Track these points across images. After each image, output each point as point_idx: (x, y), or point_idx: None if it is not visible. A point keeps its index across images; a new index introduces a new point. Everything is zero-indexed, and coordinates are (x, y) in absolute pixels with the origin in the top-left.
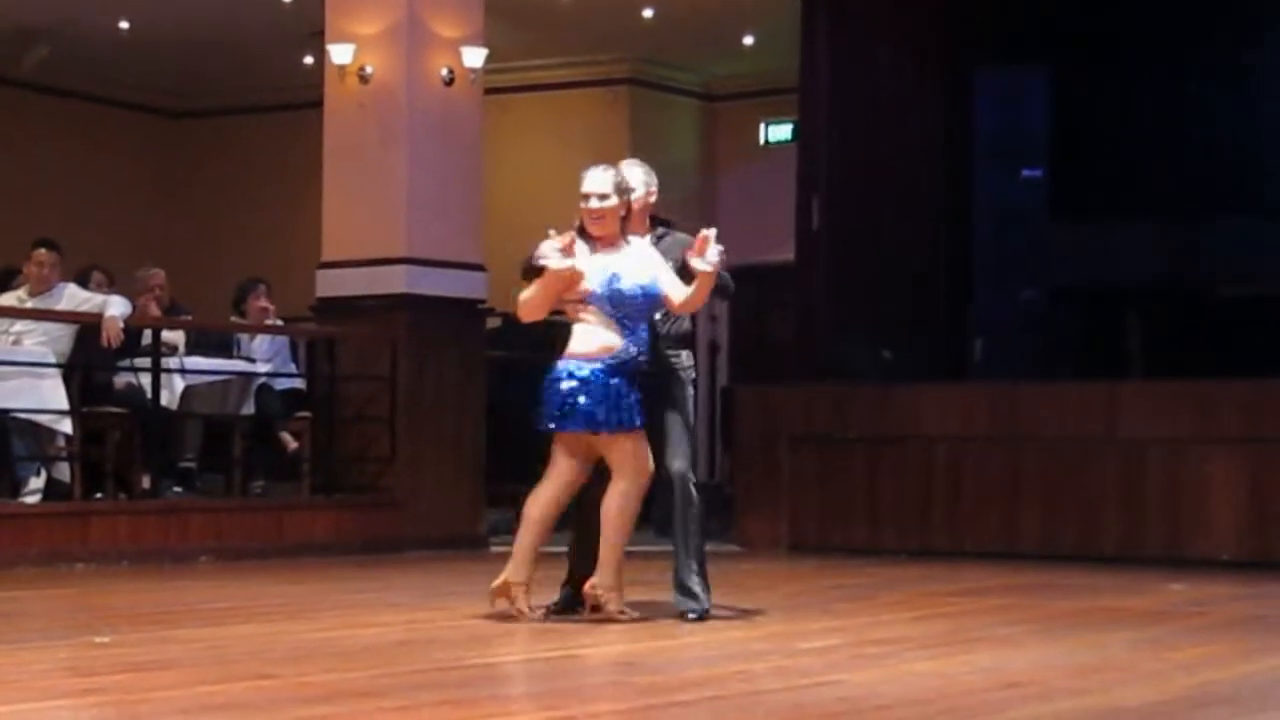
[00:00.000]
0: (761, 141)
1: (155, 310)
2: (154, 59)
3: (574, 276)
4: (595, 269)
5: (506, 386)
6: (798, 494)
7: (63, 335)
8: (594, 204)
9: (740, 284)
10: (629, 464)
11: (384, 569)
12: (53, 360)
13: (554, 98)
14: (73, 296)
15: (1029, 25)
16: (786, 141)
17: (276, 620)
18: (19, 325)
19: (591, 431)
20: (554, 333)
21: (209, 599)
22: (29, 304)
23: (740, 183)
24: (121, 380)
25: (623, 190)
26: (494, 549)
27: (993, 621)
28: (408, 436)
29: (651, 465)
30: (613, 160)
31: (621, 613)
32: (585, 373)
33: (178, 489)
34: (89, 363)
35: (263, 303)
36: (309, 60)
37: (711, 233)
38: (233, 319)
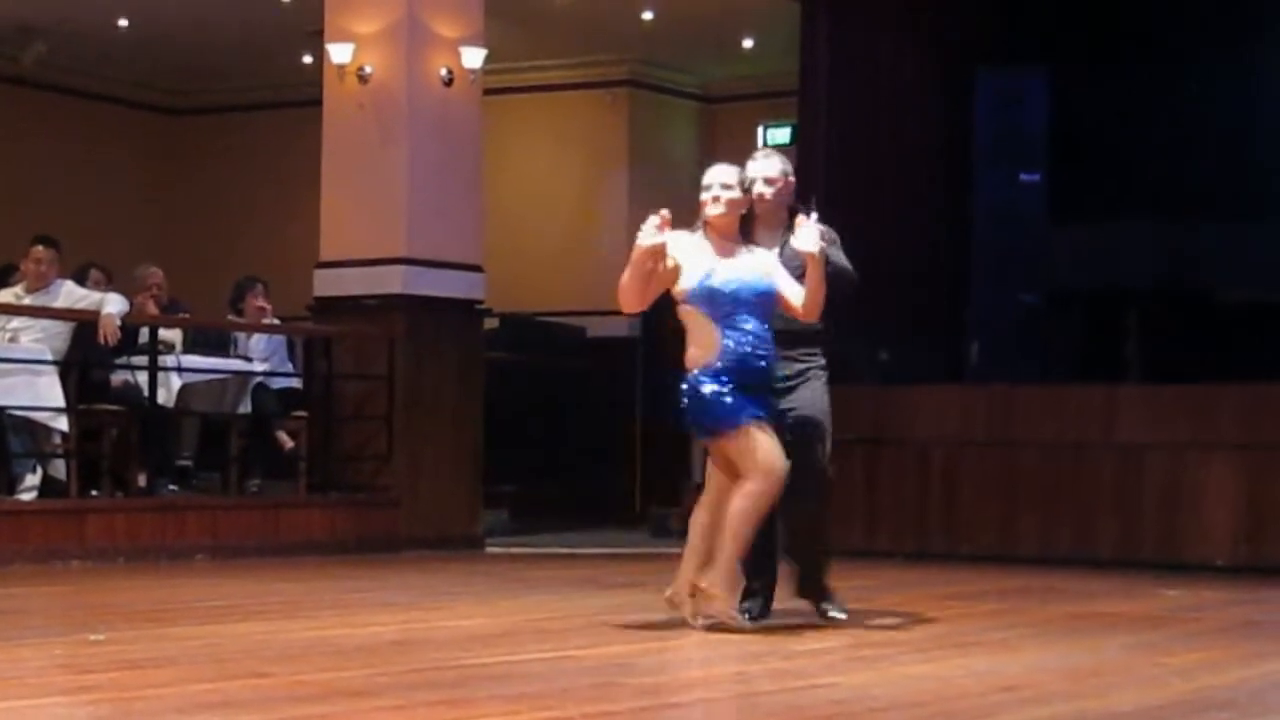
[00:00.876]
0: (760, 144)
1: (153, 308)
2: (153, 57)
3: (657, 252)
4: (694, 265)
5: (504, 387)
6: None
7: (60, 332)
8: (718, 192)
9: None
10: (744, 464)
11: (380, 568)
12: (49, 357)
13: (553, 99)
14: (70, 294)
15: (1028, 27)
16: (785, 144)
17: (272, 619)
18: (16, 322)
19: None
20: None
21: (205, 597)
22: (26, 301)
23: None
24: (118, 378)
25: (745, 187)
26: (490, 549)
27: (988, 625)
28: (405, 436)
29: (774, 463)
30: (611, 161)
31: (731, 618)
32: (685, 384)
33: (174, 487)
34: (86, 360)
35: (260, 302)
36: (308, 59)
37: (813, 217)
38: (230, 317)
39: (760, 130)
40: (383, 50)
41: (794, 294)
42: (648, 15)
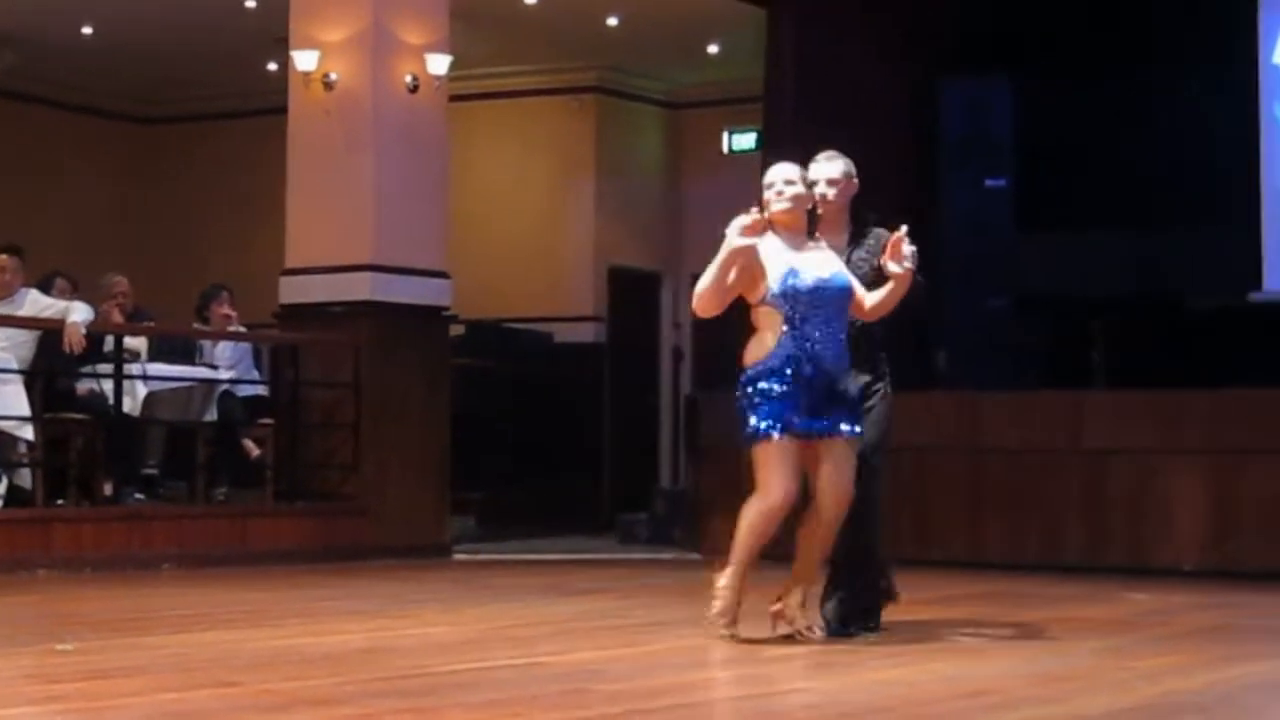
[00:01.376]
0: (725, 149)
1: (118, 316)
2: (118, 65)
3: (748, 254)
4: (775, 265)
5: (471, 394)
6: None
7: (25, 341)
8: (781, 188)
9: None
10: (757, 478)
11: (347, 576)
12: (15, 366)
13: (519, 105)
14: (35, 302)
15: (993, 35)
16: (750, 150)
17: (239, 627)
18: None
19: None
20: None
21: (172, 606)
22: None
23: (704, 190)
24: (84, 386)
25: (809, 184)
26: (457, 557)
27: (957, 630)
28: (371, 444)
29: (772, 488)
30: (578, 167)
31: (809, 629)
32: (739, 382)
33: (140, 496)
34: (51, 369)
35: (225, 309)
36: (273, 67)
37: (903, 232)
38: (196, 325)
39: (726, 136)
40: (348, 57)
41: (862, 295)
42: (613, 21)
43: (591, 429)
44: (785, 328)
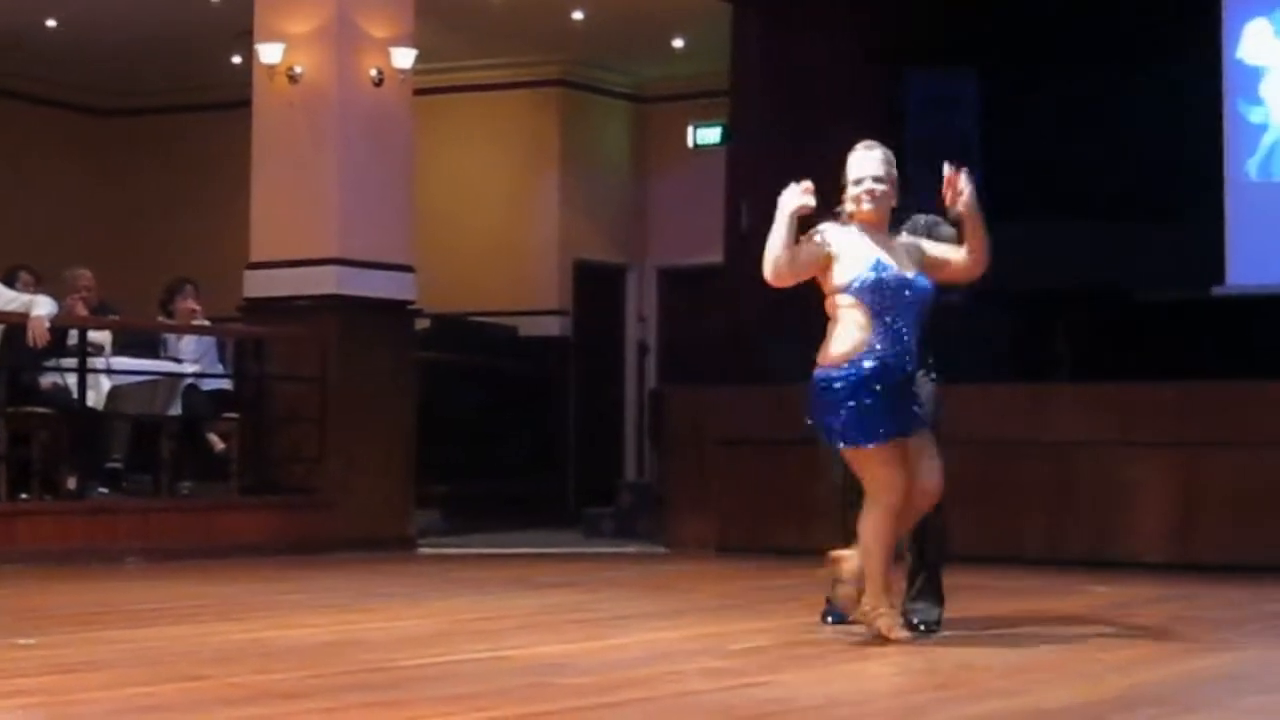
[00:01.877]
0: (690, 144)
1: (82, 310)
2: (83, 58)
3: (804, 212)
4: (857, 254)
5: (436, 388)
6: (727, 495)
7: None
8: (869, 185)
9: (669, 285)
10: (864, 483)
11: (313, 570)
12: None
13: (484, 99)
14: None
15: (959, 28)
16: (715, 144)
17: (205, 621)
18: None
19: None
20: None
21: (137, 600)
22: None
23: (669, 184)
24: (48, 380)
25: (894, 175)
26: (423, 550)
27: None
28: (337, 437)
29: (884, 491)
30: (544, 161)
31: (889, 630)
32: (816, 378)
33: (105, 490)
34: (15, 363)
35: (190, 303)
36: (238, 60)
37: (955, 170)
38: (160, 319)
39: (691, 130)
40: (313, 50)
41: (955, 254)
42: (579, 15)
43: (557, 422)
44: (874, 325)
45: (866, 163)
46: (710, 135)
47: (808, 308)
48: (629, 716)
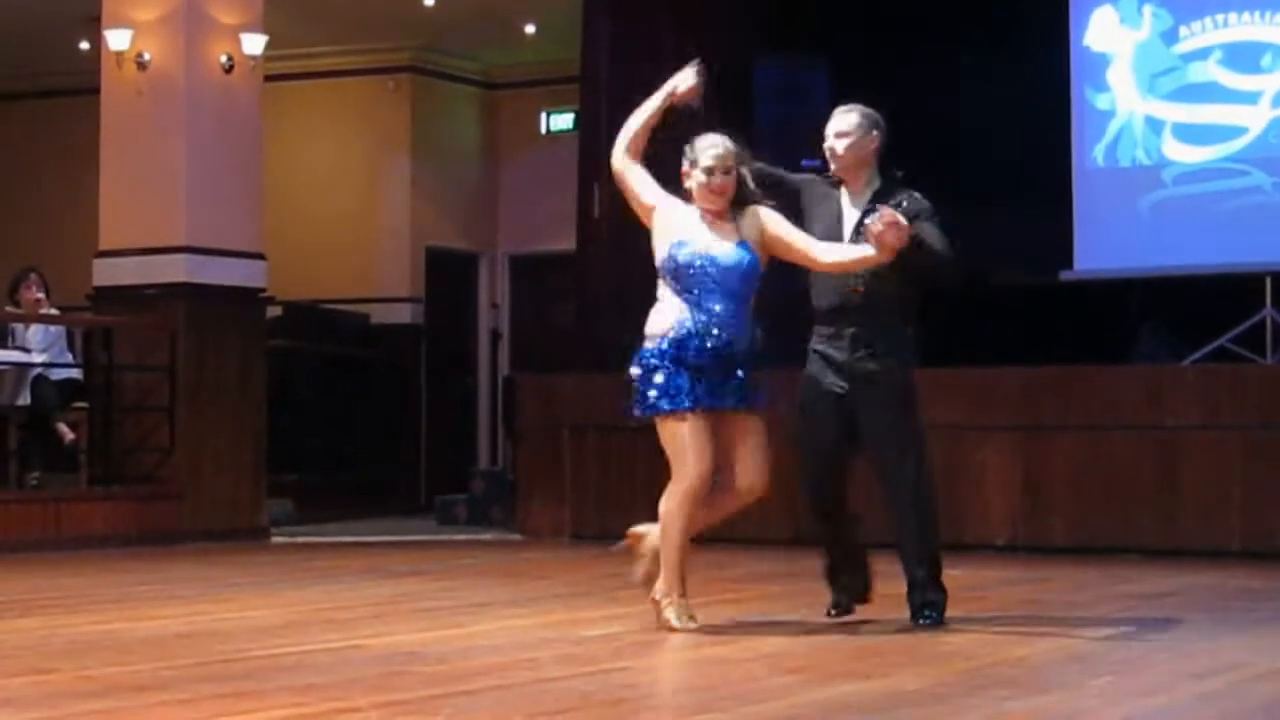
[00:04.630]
0: (543, 130)
1: None
2: None
3: (687, 96)
4: (668, 230)
5: (287, 376)
6: (580, 483)
7: None
8: (720, 180)
9: (521, 272)
10: (670, 458)
11: (164, 561)
12: None
13: (334, 85)
14: None
15: (808, 15)
16: (568, 130)
17: (55, 614)
18: None
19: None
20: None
21: None
22: None
23: (521, 171)
24: None
25: (740, 159)
26: (275, 540)
27: (773, 608)
28: (187, 427)
29: (689, 464)
30: (394, 148)
31: (668, 622)
32: (634, 357)
33: None
34: None
35: (34, 293)
36: (85, 45)
37: (892, 218)
38: (8, 309)
39: (544, 117)
40: (161, 37)
41: (804, 245)
42: (429, 1)
43: (409, 410)
44: (683, 304)
45: (711, 143)
46: (563, 121)
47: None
48: (484, 704)
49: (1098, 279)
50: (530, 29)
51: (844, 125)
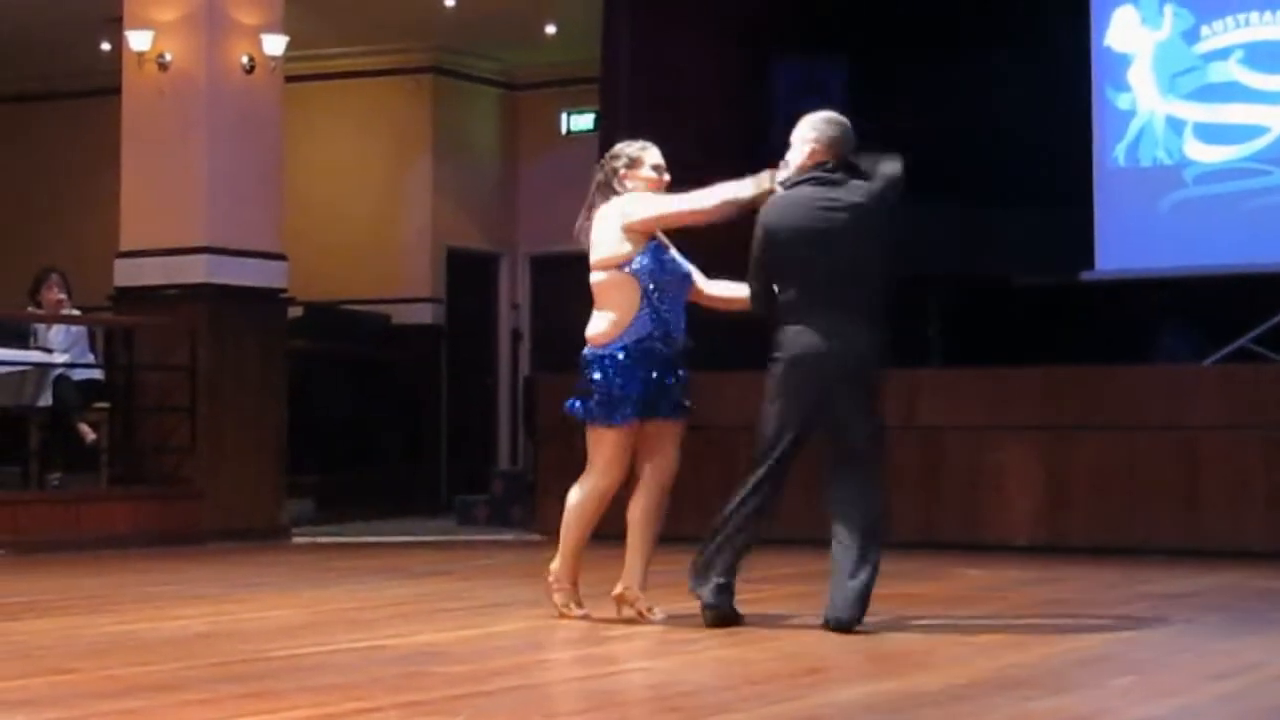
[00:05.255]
0: (563, 131)
1: None
2: None
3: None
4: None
5: (308, 376)
6: None
7: None
8: (651, 169)
9: (542, 272)
10: (591, 457)
11: (185, 560)
12: None
13: (356, 86)
14: None
15: (828, 14)
16: (588, 131)
17: (77, 614)
18: None
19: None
20: None
21: (6, 593)
22: None
23: (541, 172)
24: None
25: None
26: (296, 540)
27: (794, 609)
28: (208, 427)
29: (608, 469)
30: (415, 148)
31: (565, 612)
32: (585, 356)
33: None
34: None
35: (56, 293)
36: (106, 46)
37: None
38: (30, 309)
39: (564, 117)
40: (182, 37)
41: (703, 284)
42: (450, 2)
43: (430, 411)
44: (644, 302)
45: (655, 149)
46: (583, 122)
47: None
48: (504, 705)
49: (1119, 279)
50: (551, 29)
51: (793, 136)
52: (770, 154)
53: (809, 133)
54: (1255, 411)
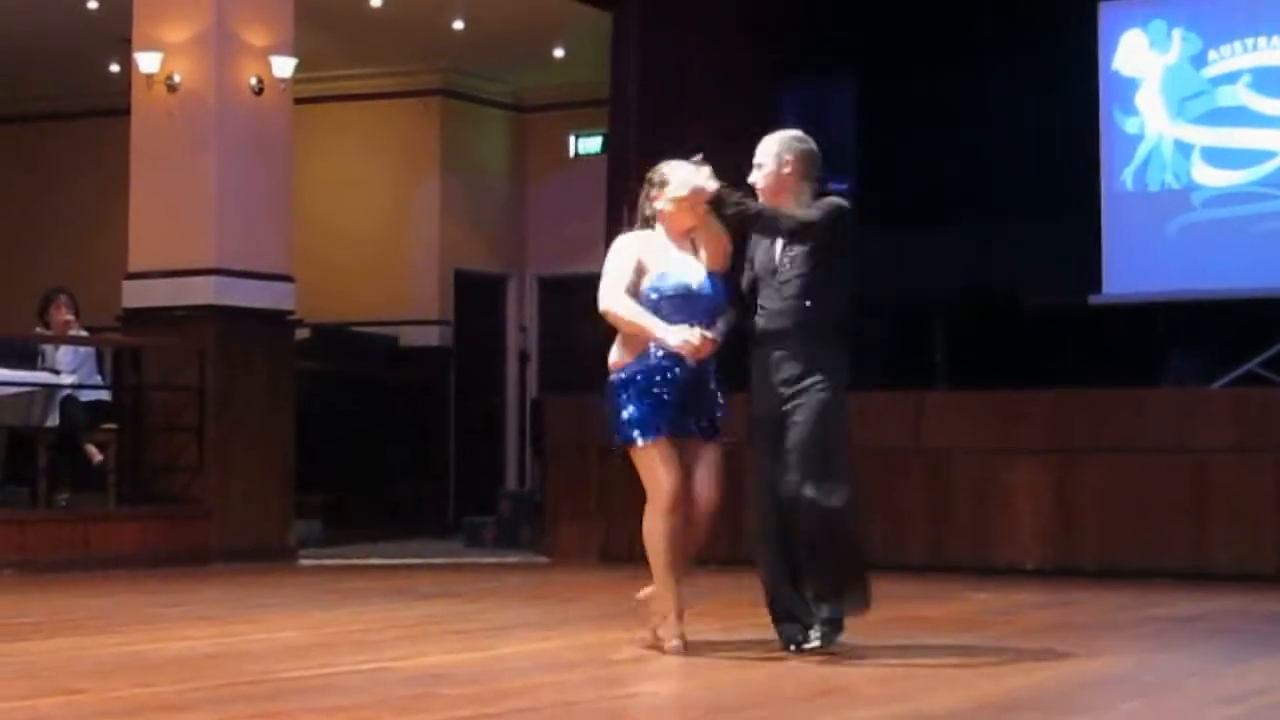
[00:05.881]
0: (571, 153)
1: None
2: None
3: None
4: (653, 264)
5: (316, 398)
6: (607, 504)
7: None
8: (673, 190)
9: (550, 294)
10: (644, 483)
11: (192, 581)
12: None
13: (365, 107)
14: None
15: (836, 36)
16: (596, 153)
17: (84, 634)
18: None
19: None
20: None
21: (13, 613)
22: None
23: (549, 194)
24: None
25: (660, 183)
26: (303, 561)
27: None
28: (215, 448)
29: (661, 487)
30: (424, 170)
31: (659, 640)
32: (608, 386)
33: None
34: None
35: (64, 314)
36: (116, 68)
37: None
38: (38, 329)
39: (572, 139)
40: (192, 59)
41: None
42: (459, 24)
43: (437, 432)
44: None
45: (676, 170)
46: (591, 144)
47: None
48: None
49: (1127, 302)
50: (559, 52)
51: (759, 156)
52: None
53: (785, 152)
54: (1263, 435)
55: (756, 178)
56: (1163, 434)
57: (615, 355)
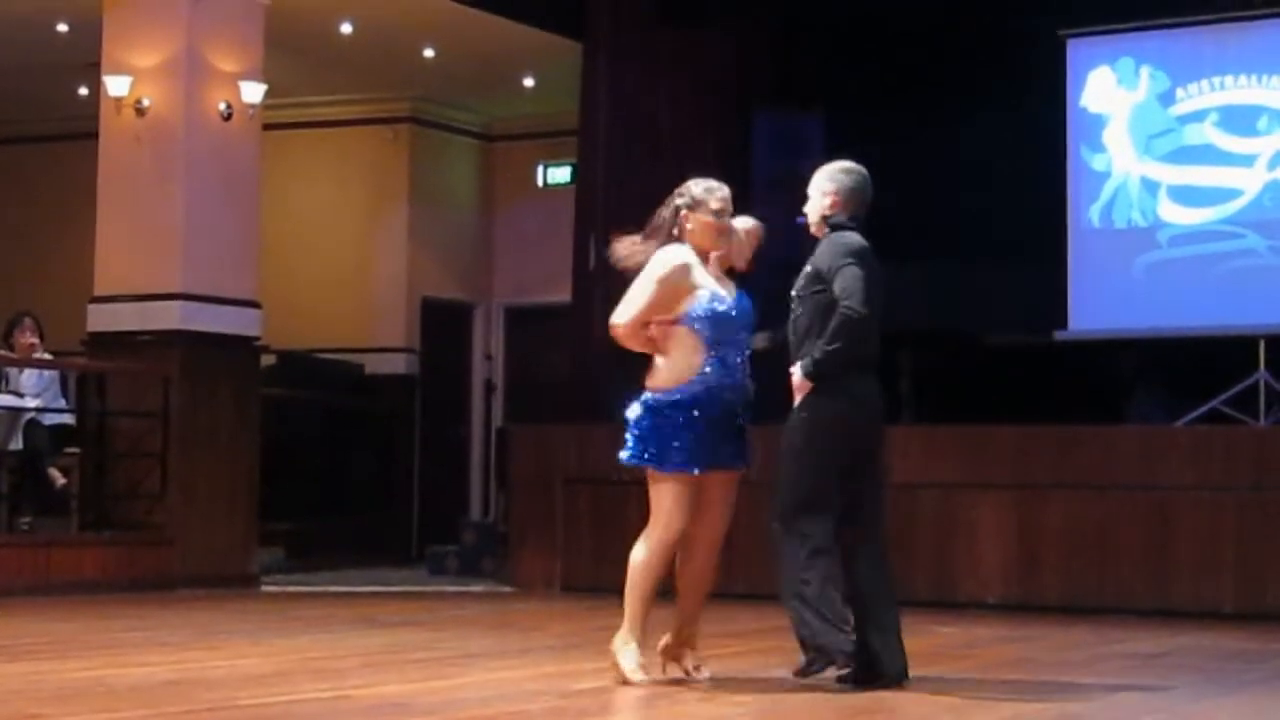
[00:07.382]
0: (540, 183)
1: None
2: None
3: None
4: (706, 285)
5: (281, 424)
6: (571, 534)
7: None
8: (729, 218)
9: (516, 323)
10: (652, 510)
11: (154, 607)
12: None
13: (333, 134)
14: None
15: (804, 72)
16: (565, 184)
17: (44, 659)
18: None
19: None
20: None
21: None
22: None
23: (518, 223)
24: None
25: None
26: (266, 588)
27: (764, 663)
28: (179, 474)
29: (671, 522)
30: (392, 198)
31: (628, 675)
32: (642, 403)
33: None
34: None
35: (28, 337)
36: (84, 91)
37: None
38: (2, 353)
39: (540, 169)
40: (161, 83)
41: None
42: (429, 53)
43: (402, 460)
44: (706, 355)
45: (722, 192)
46: (560, 174)
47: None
48: None
49: (1092, 339)
50: (529, 82)
51: (810, 190)
52: (749, 205)
53: (827, 184)
54: (1226, 473)
55: (810, 208)
56: (1126, 471)
57: (654, 374)
